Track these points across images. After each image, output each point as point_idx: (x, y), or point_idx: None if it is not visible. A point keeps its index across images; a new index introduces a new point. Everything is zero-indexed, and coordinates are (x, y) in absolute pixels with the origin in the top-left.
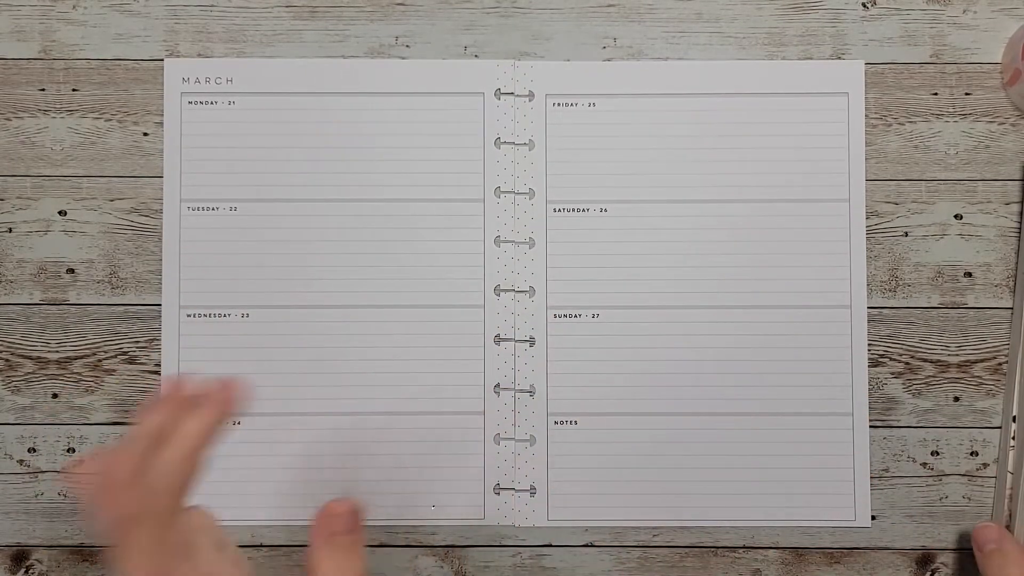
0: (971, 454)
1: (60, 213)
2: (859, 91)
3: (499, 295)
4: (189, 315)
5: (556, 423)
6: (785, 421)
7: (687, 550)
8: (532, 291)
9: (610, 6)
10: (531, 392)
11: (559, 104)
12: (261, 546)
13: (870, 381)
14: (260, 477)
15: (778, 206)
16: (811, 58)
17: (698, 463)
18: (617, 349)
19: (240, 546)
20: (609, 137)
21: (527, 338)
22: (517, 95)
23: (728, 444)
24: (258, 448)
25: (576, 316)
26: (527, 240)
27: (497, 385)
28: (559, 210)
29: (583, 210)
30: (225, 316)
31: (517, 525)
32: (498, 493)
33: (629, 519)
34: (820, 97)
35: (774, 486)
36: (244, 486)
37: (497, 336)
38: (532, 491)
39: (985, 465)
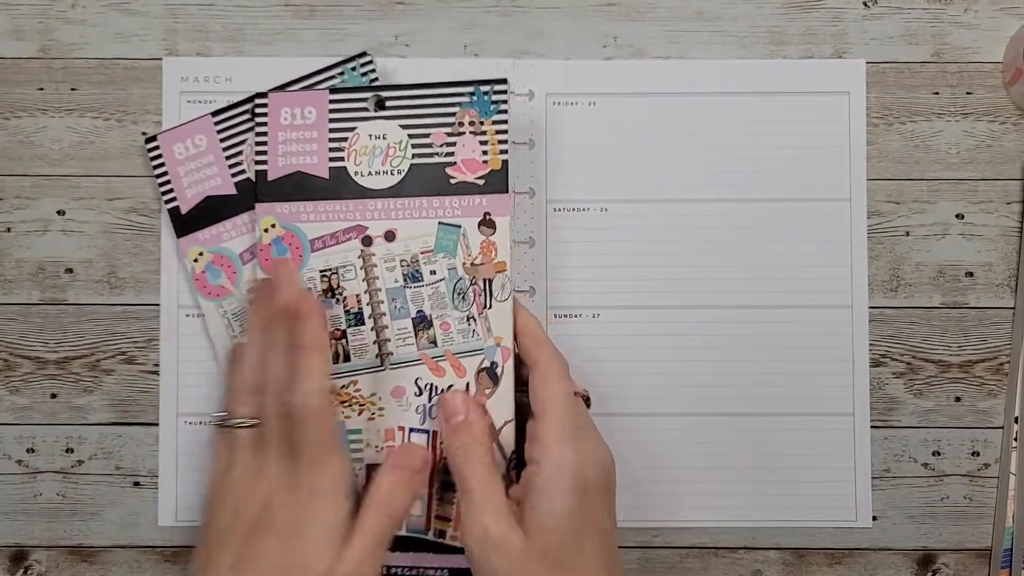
0: (972, 454)
1: (58, 213)
2: (860, 90)
3: None
4: (188, 315)
5: None
6: (785, 421)
7: (687, 551)
8: (532, 291)
9: (610, 5)
10: None
11: (559, 103)
12: None
13: (871, 381)
14: None
15: (778, 206)
16: (812, 57)
17: (698, 463)
18: (617, 349)
19: None
20: (609, 136)
21: None
22: (517, 94)
23: (728, 444)
24: None
25: (576, 316)
26: (527, 240)
27: None
28: (559, 210)
29: (583, 210)
30: None
31: None
32: None
33: (629, 519)
34: (821, 96)
35: (775, 486)
36: None
37: None
38: None
39: (987, 465)
